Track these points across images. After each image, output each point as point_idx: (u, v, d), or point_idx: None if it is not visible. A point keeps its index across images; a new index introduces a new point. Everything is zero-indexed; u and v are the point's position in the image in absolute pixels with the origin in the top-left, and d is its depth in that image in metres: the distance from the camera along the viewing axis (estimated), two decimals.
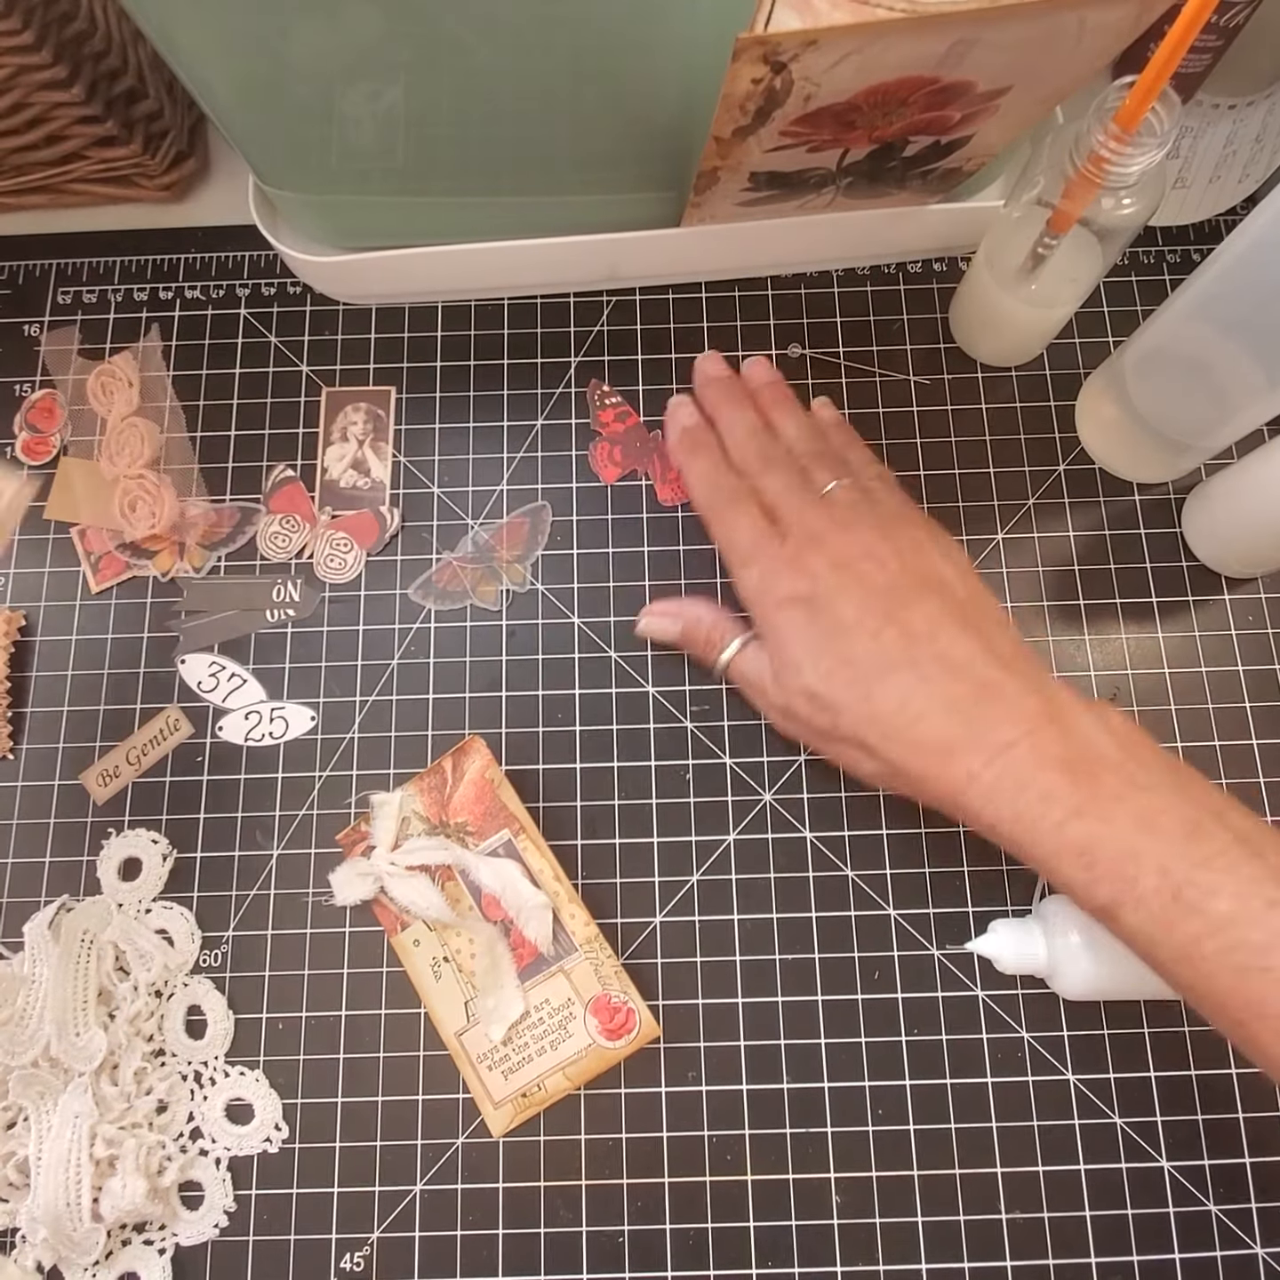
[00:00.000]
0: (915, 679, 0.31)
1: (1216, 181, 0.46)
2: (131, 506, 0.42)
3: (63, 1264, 0.36)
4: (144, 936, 0.38)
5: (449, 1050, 0.36)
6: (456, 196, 0.39)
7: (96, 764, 0.40)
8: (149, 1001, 0.38)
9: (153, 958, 0.38)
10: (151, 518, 0.41)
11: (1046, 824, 0.29)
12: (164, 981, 0.38)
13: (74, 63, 0.38)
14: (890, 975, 0.38)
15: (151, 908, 0.39)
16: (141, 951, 0.38)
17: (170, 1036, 0.38)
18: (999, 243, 0.39)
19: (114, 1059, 0.37)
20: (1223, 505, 0.40)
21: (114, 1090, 0.36)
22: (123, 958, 0.38)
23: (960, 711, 0.30)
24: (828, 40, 0.26)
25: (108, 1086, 0.36)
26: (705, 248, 0.43)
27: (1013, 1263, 0.36)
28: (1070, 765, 0.29)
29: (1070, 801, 0.28)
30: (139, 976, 0.38)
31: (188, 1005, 0.38)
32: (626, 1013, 0.36)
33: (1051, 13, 0.27)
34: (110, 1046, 0.37)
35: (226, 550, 0.43)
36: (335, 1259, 0.36)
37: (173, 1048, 0.38)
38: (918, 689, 0.31)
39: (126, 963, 0.38)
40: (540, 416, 0.45)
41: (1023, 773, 0.29)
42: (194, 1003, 0.38)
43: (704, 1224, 0.36)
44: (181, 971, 0.38)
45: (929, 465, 0.44)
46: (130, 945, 0.38)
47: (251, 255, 0.47)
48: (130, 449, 0.43)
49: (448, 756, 0.38)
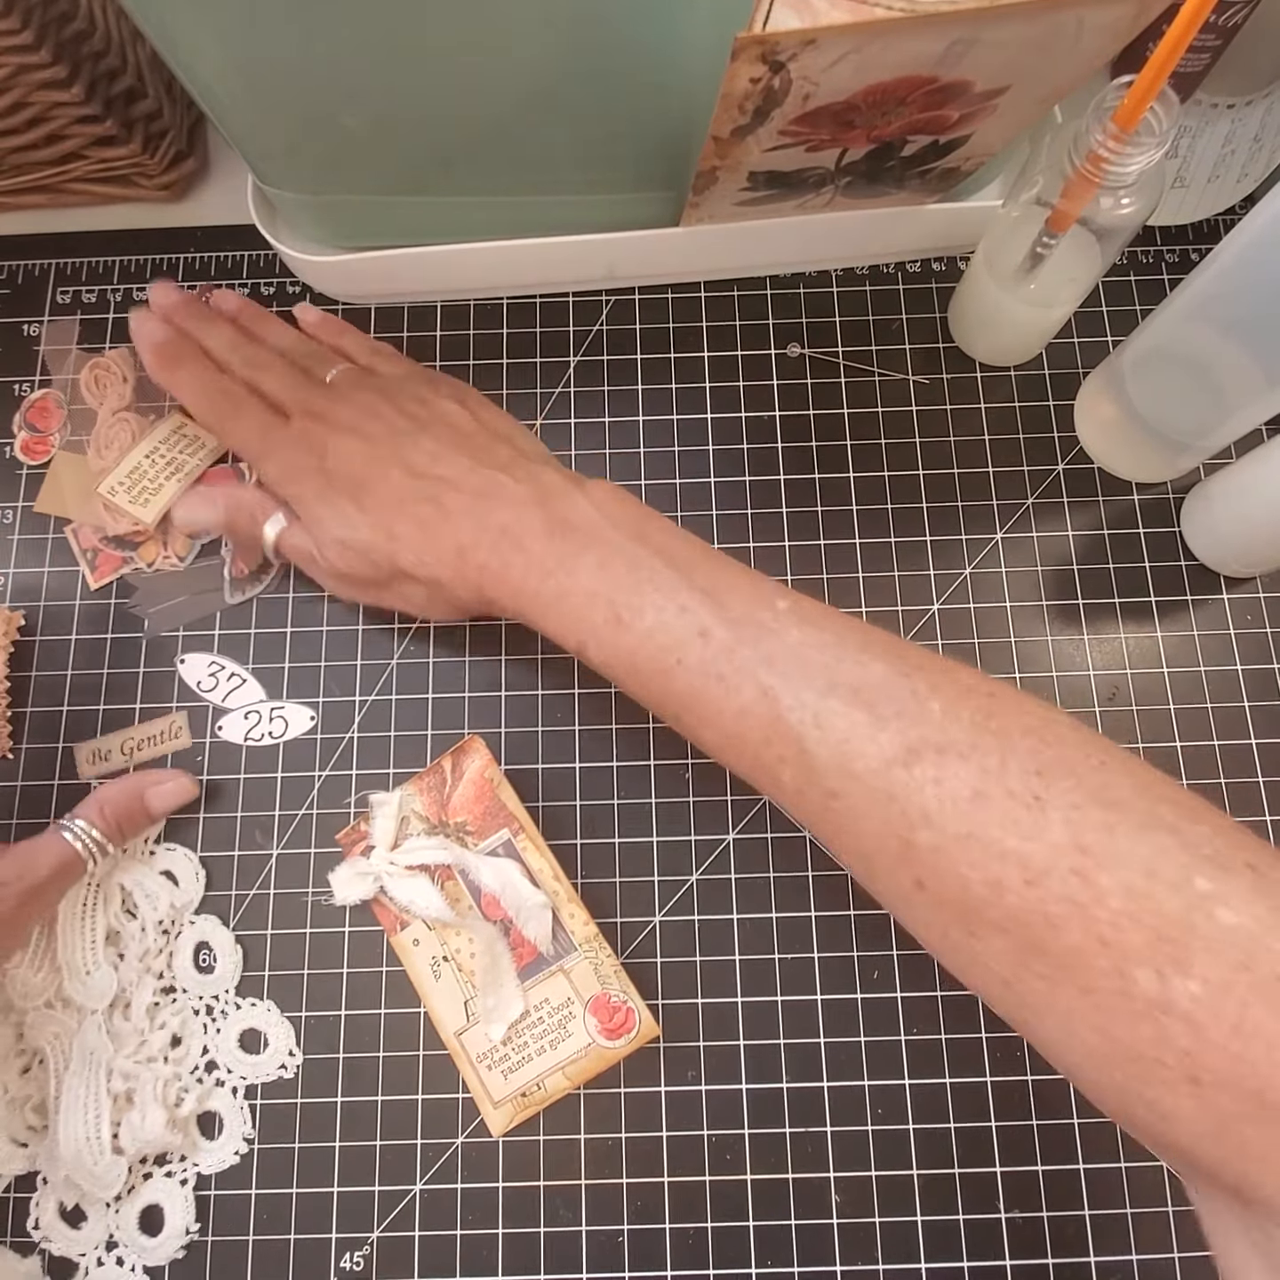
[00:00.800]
0: (425, 502, 0.34)
1: (1215, 181, 0.46)
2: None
3: (85, 1201, 0.36)
4: (150, 877, 0.39)
5: (448, 1050, 0.36)
6: (456, 196, 0.39)
7: (93, 741, 0.41)
8: (157, 939, 0.38)
9: (159, 897, 0.39)
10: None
11: (532, 587, 0.33)
12: (171, 920, 0.39)
13: (73, 62, 0.38)
14: (890, 975, 0.38)
15: (155, 850, 0.40)
16: (148, 891, 0.39)
17: (180, 973, 0.38)
18: (998, 242, 0.39)
19: (126, 996, 0.38)
20: (1222, 505, 0.40)
21: (128, 1026, 0.37)
22: (129, 900, 0.39)
23: (467, 515, 0.34)
24: (826, 39, 0.26)
25: (121, 1022, 0.37)
26: (704, 247, 0.43)
27: (1012, 1262, 0.36)
28: (550, 533, 0.33)
29: (547, 564, 0.32)
30: (146, 916, 0.38)
31: (195, 942, 0.39)
32: (626, 1012, 0.36)
33: (1050, 12, 0.27)
34: (122, 984, 0.37)
35: (210, 539, 0.43)
36: (335, 1259, 0.36)
37: (183, 983, 0.38)
38: (428, 510, 0.34)
39: (133, 905, 0.39)
40: (540, 416, 0.45)
41: (514, 550, 0.33)
42: (202, 939, 0.39)
43: (704, 1224, 0.36)
44: (188, 910, 0.39)
45: (928, 465, 0.44)
46: (137, 886, 0.39)
47: (251, 255, 0.47)
48: (119, 443, 0.43)
49: (447, 756, 0.38)
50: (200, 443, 0.43)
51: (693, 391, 0.45)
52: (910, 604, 0.42)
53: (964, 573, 0.42)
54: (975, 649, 0.41)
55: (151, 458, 0.42)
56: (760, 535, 0.43)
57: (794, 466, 0.44)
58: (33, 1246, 0.36)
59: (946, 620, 0.42)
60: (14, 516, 0.43)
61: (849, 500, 0.43)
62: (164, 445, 0.43)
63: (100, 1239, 0.36)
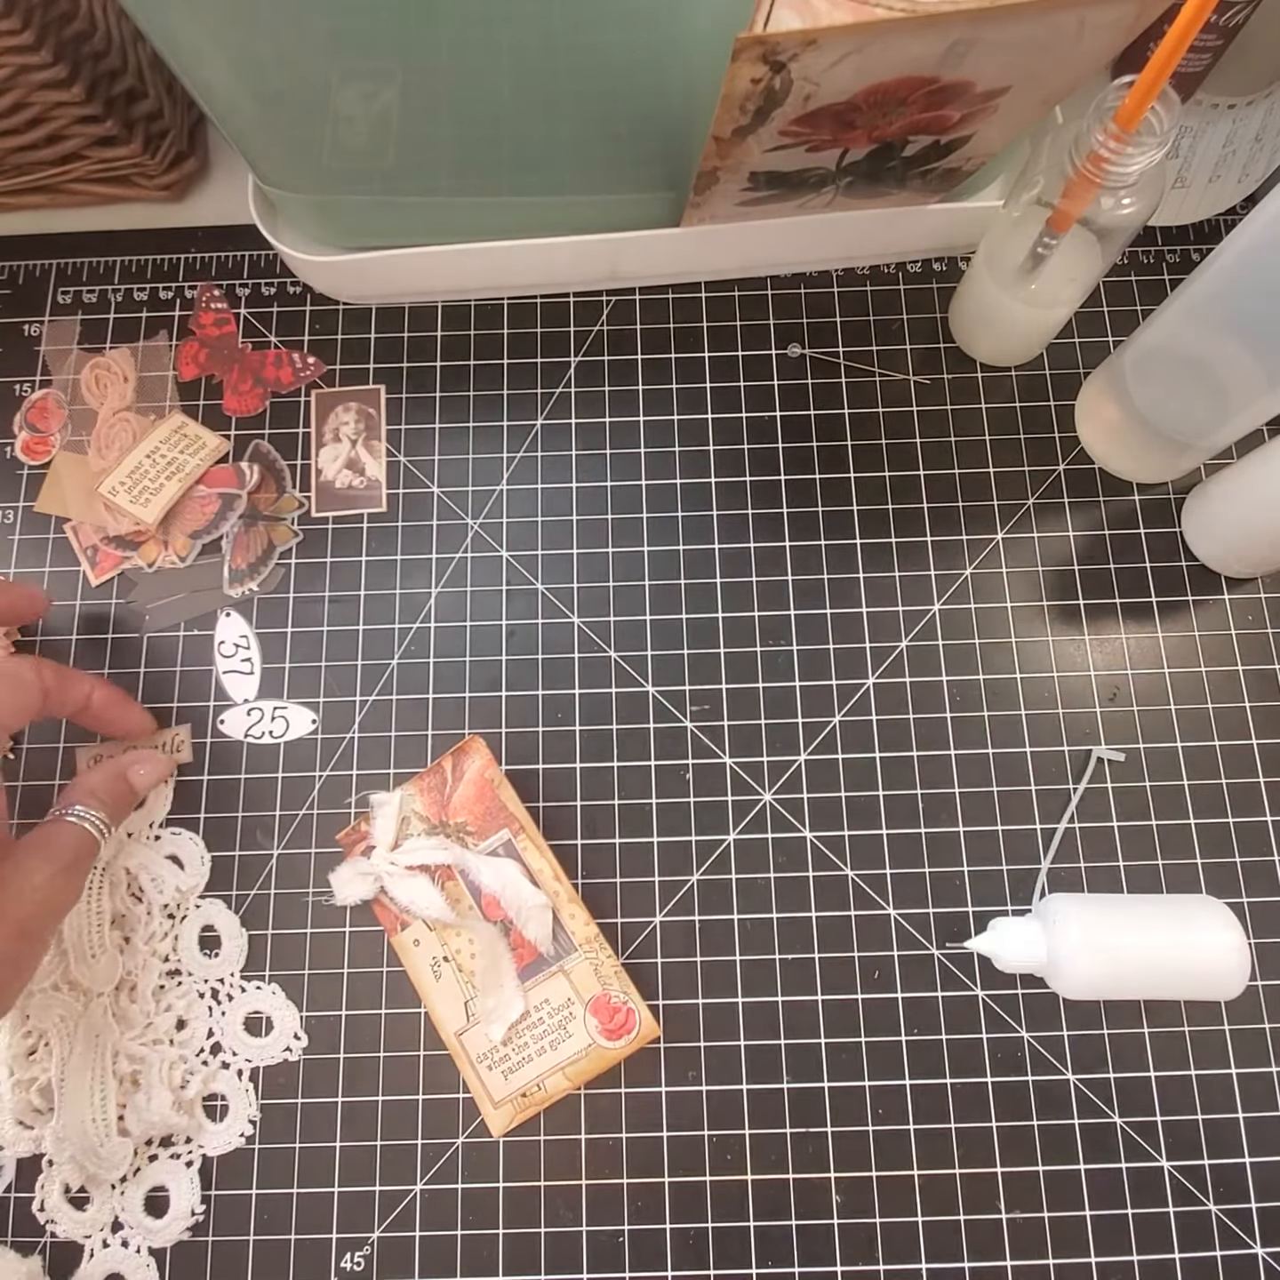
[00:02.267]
0: None
1: (1216, 181, 0.46)
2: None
3: (90, 1183, 0.36)
4: (155, 861, 0.39)
5: (449, 1050, 0.36)
6: (456, 196, 0.39)
7: (95, 746, 0.41)
8: (163, 923, 0.39)
9: (164, 880, 0.39)
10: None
11: None
12: (176, 904, 0.39)
13: (74, 62, 0.38)
14: (890, 975, 0.38)
15: (160, 834, 0.40)
16: (153, 875, 0.39)
17: (185, 956, 0.38)
18: (999, 242, 0.39)
19: (132, 979, 0.38)
20: (1222, 505, 0.40)
21: (134, 1008, 0.37)
22: (134, 884, 0.39)
23: None
24: (827, 40, 0.26)
25: (127, 1005, 0.37)
26: (705, 248, 0.43)
27: (1013, 1262, 0.36)
28: None
29: None
30: (152, 899, 0.39)
31: (201, 925, 0.39)
32: (626, 1013, 0.36)
33: (1051, 13, 0.27)
34: (128, 967, 0.37)
35: (210, 539, 0.43)
36: (335, 1259, 0.36)
37: (189, 967, 0.38)
38: None
39: (139, 889, 0.39)
40: (540, 416, 0.45)
41: None
42: (207, 923, 0.39)
43: (704, 1224, 0.36)
44: (193, 894, 0.39)
45: (929, 465, 0.44)
46: (143, 870, 0.39)
47: (251, 255, 0.47)
48: (120, 443, 0.43)
49: (448, 756, 0.38)
50: (201, 442, 0.43)
51: (693, 392, 0.45)
52: (911, 604, 0.42)
53: (965, 573, 0.42)
54: (976, 649, 0.42)
55: (152, 457, 0.42)
56: (761, 535, 0.43)
57: (795, 467, 0.44)
58: (34, 1246, 0.36)
59: (947, 620, 0.42)
60: (14, 516, 0.43)
61: (850, 501, 0.43)
62: (165, 445, 0.43)
63: (106, 1221, 0.36)
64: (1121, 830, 0.40)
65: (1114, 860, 0.39)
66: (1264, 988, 0.38)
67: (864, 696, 0.41)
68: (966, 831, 0.40)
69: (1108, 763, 0.40)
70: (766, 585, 0.42)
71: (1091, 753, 0.40)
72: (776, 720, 0.41)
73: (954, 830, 0.40)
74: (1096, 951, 0.34)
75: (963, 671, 0.41)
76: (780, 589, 0.42)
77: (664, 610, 0.42)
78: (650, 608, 0.42)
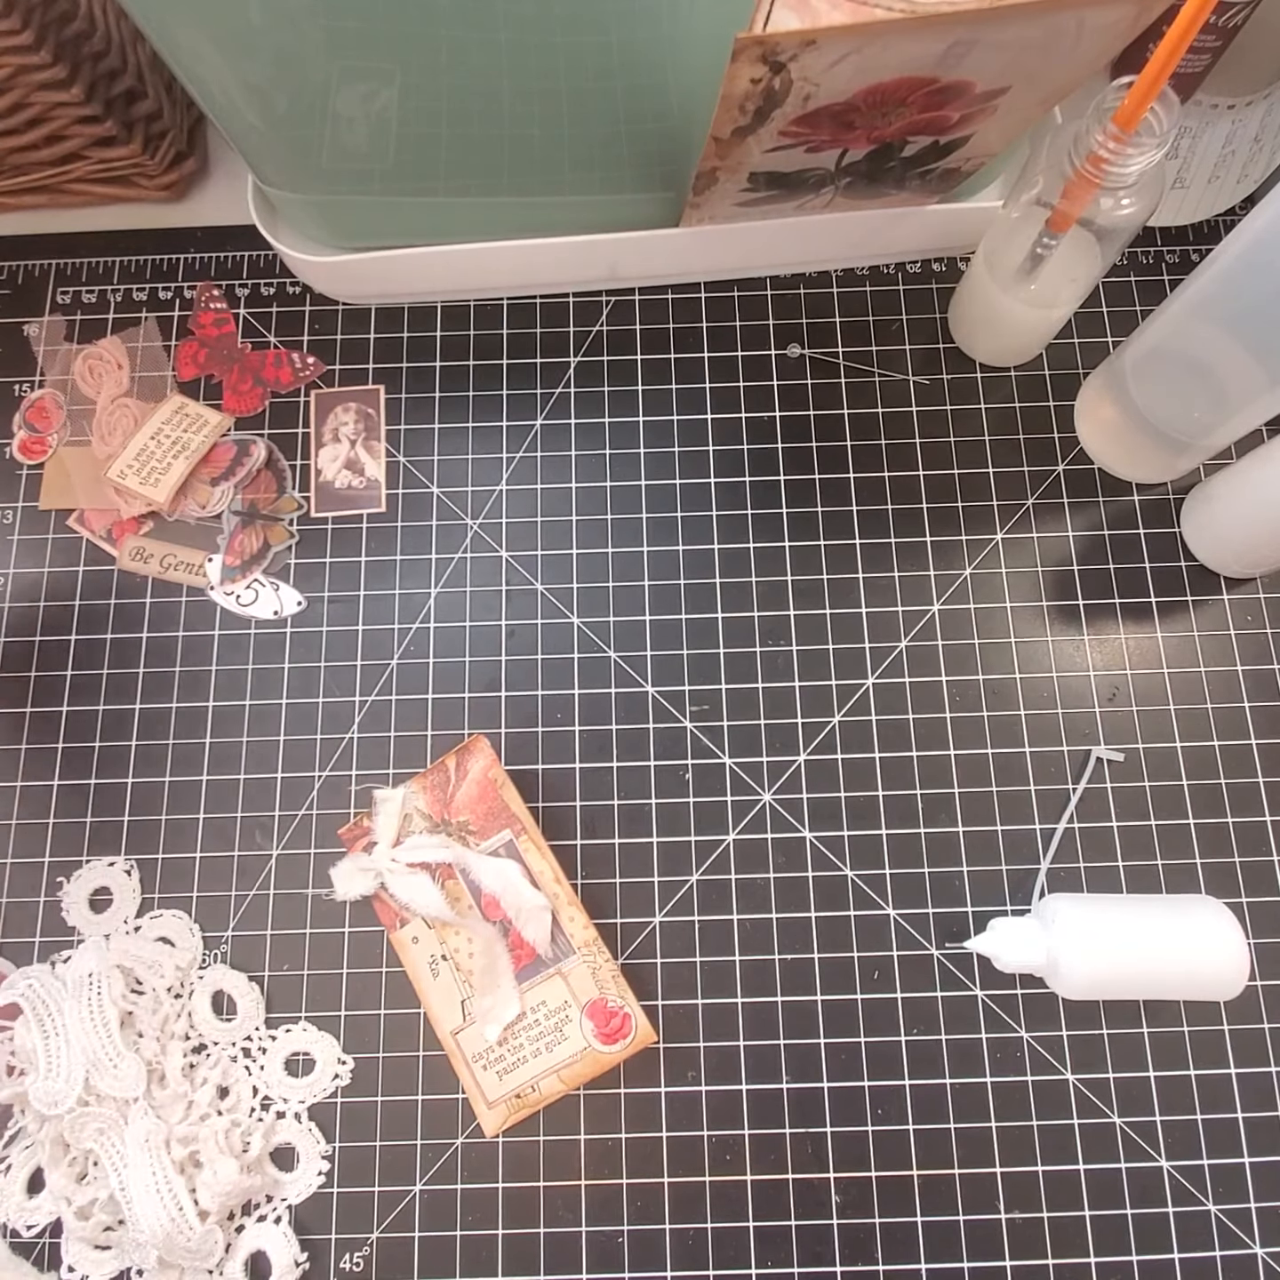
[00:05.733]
0: None
1: (1215, 182, 0.46)
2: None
3: (188, 1277, 0.35)
4: (145, 949, 0.38)
5: (444, 1049, 0.36)
6: (456, 196, 0.39)
7: (133, 539, 0.42)
8: (172, 1004, 0.38)
9: (161, 964, 0.38)
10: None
11: None
12: (179, 982, 0.38)
13: (73, 63, 0.38)
14: (890, 975, 0.38)
15: (141, 923, 0.39)
16: (149, 963, 0.38)
17: (204, 1028, 0.38)
18: (998, 243, 0.39)
19: (159, 1069, 0.37)
20: (1222, 505, 0.40)
21: (167, 1094, 0.36)
22: (130, 977, 0.38)
23: None
24: (826, 40, 0.26)
25: (160, 1093, 0.36)
26: (704, 248, 0.43)
27: (1012, 1262, 0.36)
28: None
29: None
30: (154, 985, 0.38)
31: (210, 994, 0.38)
32: (623, 1017, 0.36)
33: (1050, 13, 0.27)
34: (148, 1059, 0.36)
35: (232, 482, 0.43)
36: (335, 1259, 0.36)
37: (211, 1036, 0.38)
38: None
39: (136, 982, 0.38)
40: (539, 416, 0.45)
41: None
42: (216, 989, 0.38)
43: (704, 1224, 0.36)
44: (193, 967, 0.39)
45: (928, 465, 0.44)
46: (136, 961, 0.38)
47: (251, 255, 0.47)
48: (122, 428, 0.43)
49: (451, 755, 0.38)
50: (203, 420, 0.43)
51: (693, 392, 0.45)
52: (911, 604, 0.42)
53: (964, 573, 0.42)
54: (976, 649, 0.42)
55: (157, 438, 0.43)
56: (760, 536, 0.43)
57: (794, 467, 0.44)
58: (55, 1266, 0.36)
59: (947, 621, 0.42)
60: (14, 517, 0.43)
61: (849, 501, 0.43)
62: (167, 426, 0.43)
63: None
64: (1121, 830, 0.40)
65: (1113, 860, 0.39)
66: (1263, 988, 0.38)
67: (863, 697, 0.41)
68: (966, 832, 0.40)
69: (1107, 763, 0.40)
70: (766, 585, 0.42)
71: (1091, 753, 0.40)
72: (776, 720, 0.41)
73: (953, 830, 0.40)
74: (1096, 952, 0.34)
75: (962, 672, 0.41)
76: (780, 589, 0.42)
77: (663, 611, 0.42)
78: (650, 608, 0.42)
